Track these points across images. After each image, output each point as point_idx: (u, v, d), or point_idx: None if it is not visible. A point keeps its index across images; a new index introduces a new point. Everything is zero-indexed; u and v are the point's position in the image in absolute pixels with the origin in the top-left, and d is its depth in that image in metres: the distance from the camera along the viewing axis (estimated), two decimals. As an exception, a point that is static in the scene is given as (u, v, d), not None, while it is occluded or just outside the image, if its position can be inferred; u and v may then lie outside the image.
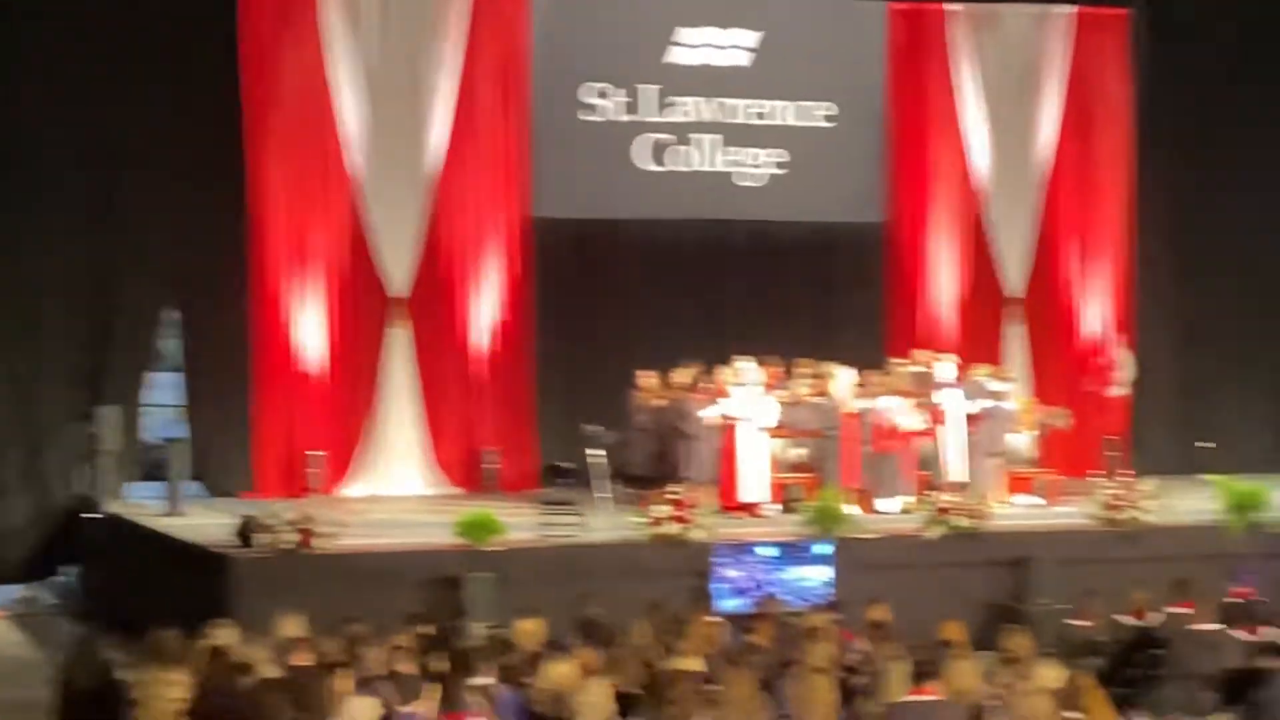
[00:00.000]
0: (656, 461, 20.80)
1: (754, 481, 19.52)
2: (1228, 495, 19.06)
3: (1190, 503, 19.41)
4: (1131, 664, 14.71)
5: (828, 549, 17.61)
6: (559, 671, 12.08)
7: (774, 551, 17.49)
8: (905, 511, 19.74)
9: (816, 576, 17.40)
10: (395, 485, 22.50)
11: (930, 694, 11.16)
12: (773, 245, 24.59)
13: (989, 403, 21.02)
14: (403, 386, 22.76)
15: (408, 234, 22.65)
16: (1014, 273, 25.14)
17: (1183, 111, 25.47)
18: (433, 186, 22.73)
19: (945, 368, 21.64)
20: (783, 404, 20.52)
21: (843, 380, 20.73)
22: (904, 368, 21.84)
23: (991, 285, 25.17)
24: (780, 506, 19.77)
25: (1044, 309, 25.37)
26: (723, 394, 19.39)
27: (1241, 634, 14.65)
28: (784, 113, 24.29)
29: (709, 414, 19.72)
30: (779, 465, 20.27)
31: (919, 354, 22.30)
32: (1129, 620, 15.57)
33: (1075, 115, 25.25)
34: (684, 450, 20.19)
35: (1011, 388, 21.88)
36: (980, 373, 21.74)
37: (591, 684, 11.32)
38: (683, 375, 21.14)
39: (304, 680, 11.29)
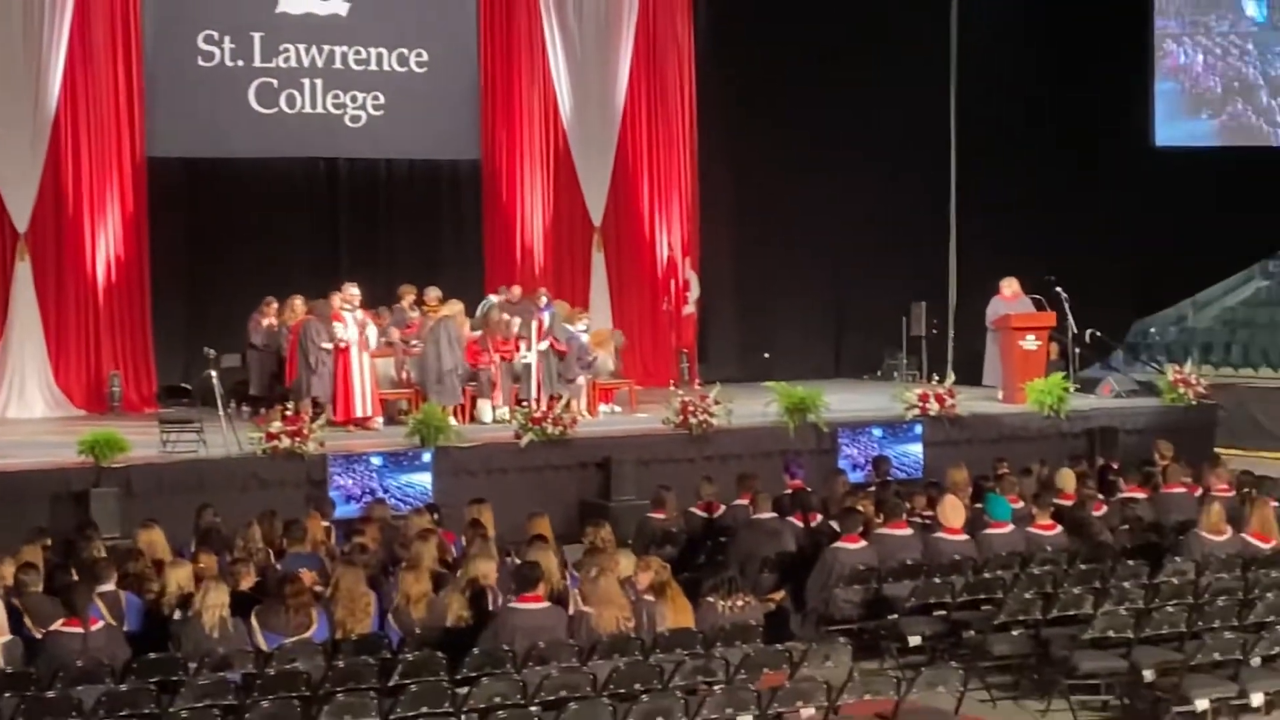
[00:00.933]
0: (273, 381, 20.51)
1: (363, 398, 19.33)
2: (785, 400, 19.58)
3: (752, 407, 19.87)
4: (701, 551, 15.13)
5: (429, 457, 17.57)
6: (179, 577, 11.89)
7: (380, 460, 17.39)
8: (499, 421, 19.80)
9: (420, 482, 17.37)
10: (22, 409, 21.68)
11: (535, 602, 11.25)
12: (379, 181, 24.44)
13: (570, 330, 21.11)
14: (28, 317, 21.93)
15: (27, 173, 21.75)
16: (596, 203, 25.32)
17: (737, 57, 25.95)
18: (50, 129, 21.84)
19: (539, 299, 21.79)
20: (394, 326, 20.46)
21: (452, 307, 20.67)
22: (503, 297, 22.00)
23: (580, 216, 25.32)
24: (384, 419, 19.68)
25: (623, 237, 25.65)
26: (337, 318, 19.14)
27: (796, 521, 15.17)
28: (382, 59, 24.02)
29: (321, 337, 19.47)
30: (385, 382, 20.17)
31: (515, 288, 22.34)
32: (699, 513, 15.96)
33: (646, 58, 25.51)
34: (301, 371, 19.93)
35: (585, 323, 21.91)
36: (561, 307, 21.86)
37: (210, 587, 11.16)
38: (298, 302, 20.82)
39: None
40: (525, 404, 19.48)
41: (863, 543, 13.79)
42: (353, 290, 19.48)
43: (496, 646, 10.83)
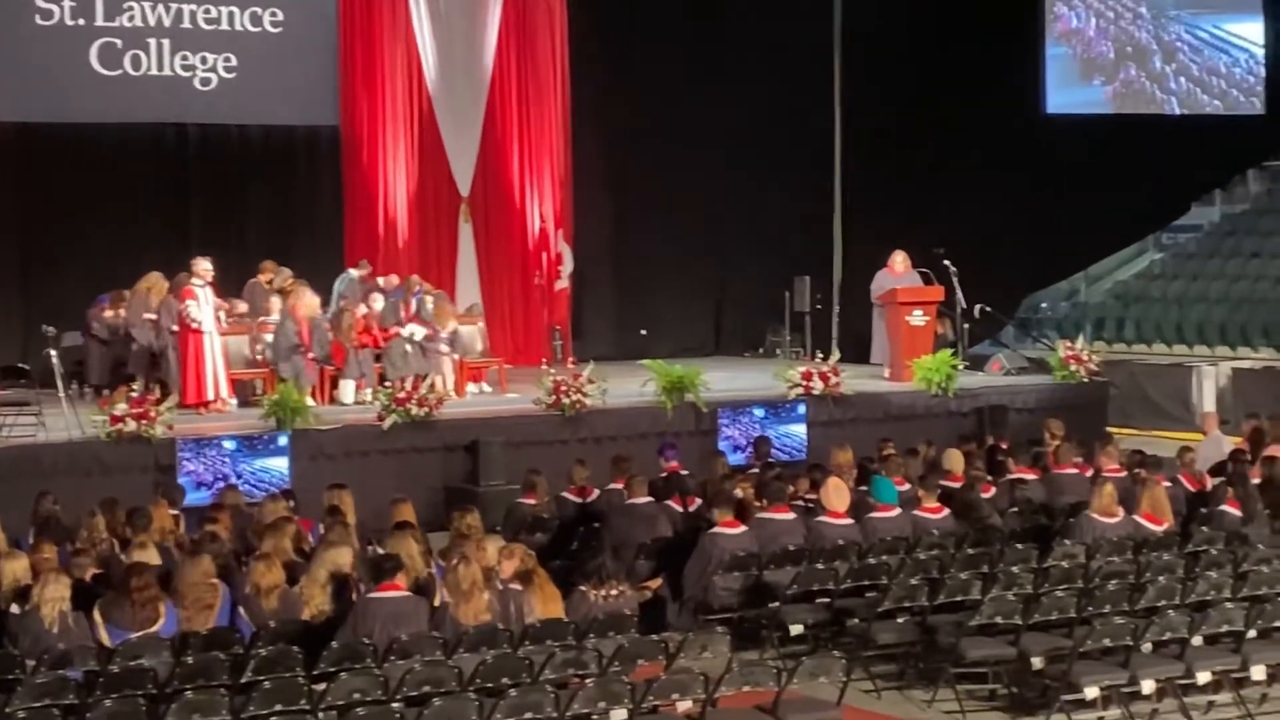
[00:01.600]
0: (115, 364, 20.26)
1: (214, 378, 19.13)
2: (662, 379, 19.64)
3: (628, 386, 19.91)
4: (574, 538, 15.15)
5: (285, 440, 17.45)
6: (16, 569, 11.72)
7: (233, 445, 17.24)
8: (360, 402, 19.71)
9: (275, 467, 17.25)
10: None
11: (396, 589, 11.24)
12: (231, 149, 24.15)
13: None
14: None
15: None
16: (464, 173, 25.21)
17: (613, 18, 25.89)
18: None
19: (389, 280, 21.82)
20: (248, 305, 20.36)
21: (306, 293, 20.54)
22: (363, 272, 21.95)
23: (446, 185, 25.20)
24: (237, 401, 19.53)
25: (492, 207, 25.56)
26: (189, 295, 18.92)
27: (673, 506, 15.24)
28: (233, 18, 23.76)
29: (165, 317, 19.26)
30: (238, 362, 19.99)
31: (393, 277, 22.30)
32: (572, 498, 15.99)
33: (516, 18, 25.43)
34: (145, 352, 19.74)
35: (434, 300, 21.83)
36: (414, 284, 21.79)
37: (49, 579, 11.02)
38: (148, 280, 20.55)
39: None
40: (389, 385, 19.39)
41: (742, 528, 13.87)
42: (205, 265, 19.27)
43: (356, 639, 10.79)
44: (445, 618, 11.17)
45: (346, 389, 20.07)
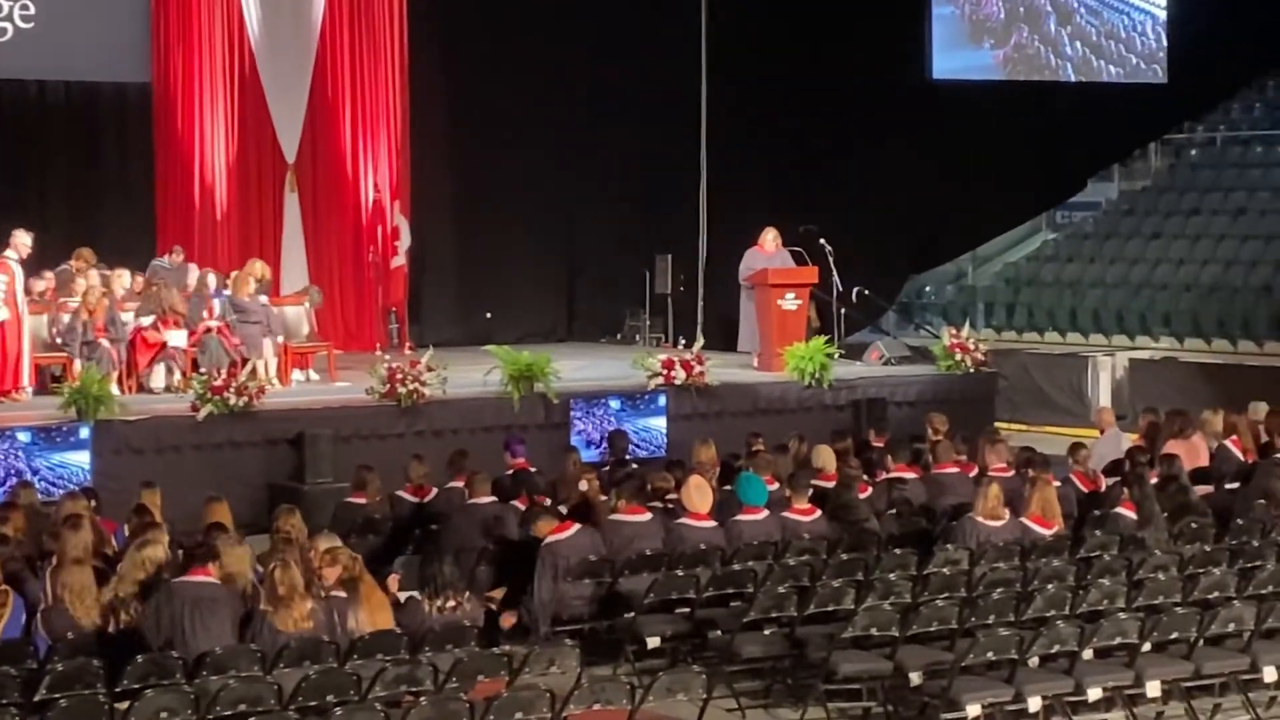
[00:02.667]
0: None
1: (10, 363, 18.88)
2: (509, 366, 19.63)
3: (472, 375, 19.88)
4: (409, 541, 15.11)
5: (86, 432, 17.26)
6: None
7: (28, 436, 17.03)
8: (173, 390, 19.53)
9: (76, 462, 17.06)
10: None
11: (205, 575, 11.18)
12: (28, 106, 23.88)
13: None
14: None
15: None
16: (290, 138, 25.02)
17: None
18: None
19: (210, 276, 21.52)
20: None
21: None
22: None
23: (270, 151, 25.02)
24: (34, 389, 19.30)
25: (321, 176, 25.41)
26: (4, 269, 18.64)
27: (520, 506, 15.22)
28: (32, -40, 23.51)
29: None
30: (38, 344, 19.73)
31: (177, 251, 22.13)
32: (407, 497, 15.94)
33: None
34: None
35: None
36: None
37: None
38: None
39: None
40: (202, 371, 19.22)
41: (575, 528, 13.85)
42: (24, 239, 18.99)
43: (159, 637, 10.75)
44: (262, 626, 11.10)
45: (157, 373, 19.85)
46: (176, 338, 20.07)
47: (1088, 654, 11.95)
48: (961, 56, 30.20)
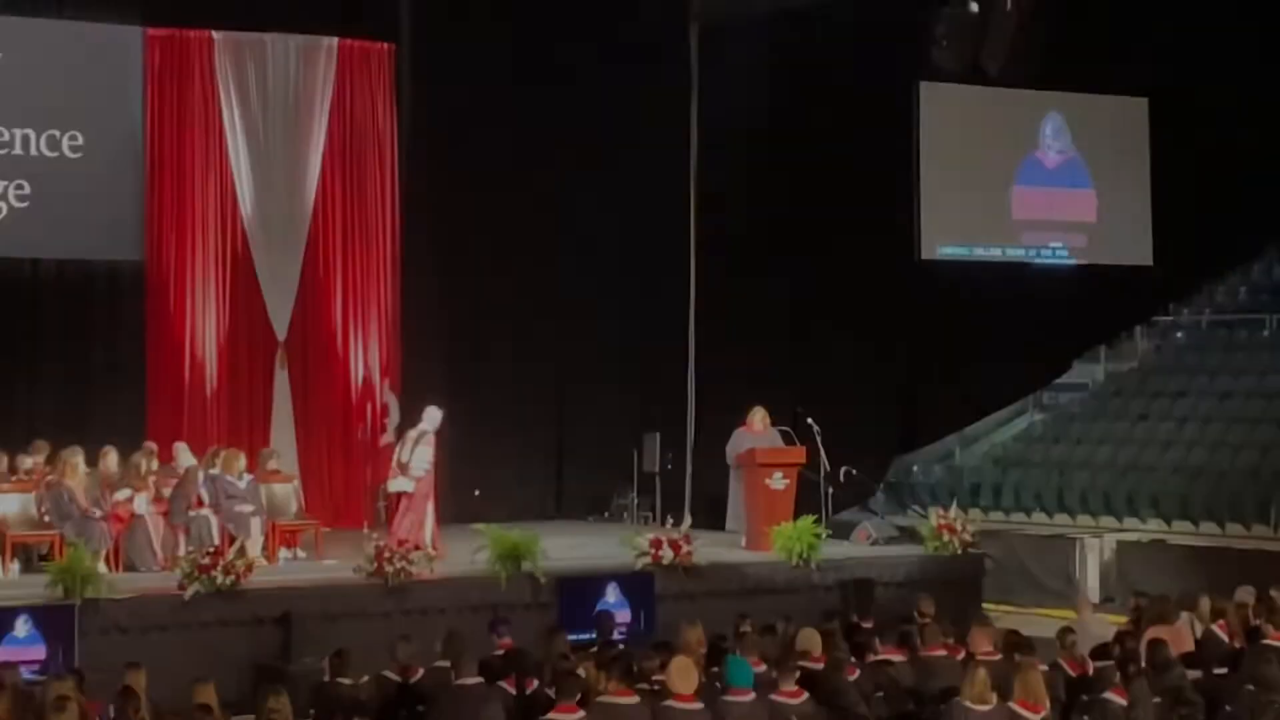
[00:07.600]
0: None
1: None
2: (496, 545, 19.64)
3: (459, 554, 19.88)
4: (395, 722, 15.04)
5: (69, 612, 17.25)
6: None
7: (22, 618, 17.04)
8: (162, 569, 19.55)
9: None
10: None
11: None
12: (21, 285, 24.03)
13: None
14: None
15: None
16: (281, 316, 25.19)
17: (447, 153, 26.01)
18: None
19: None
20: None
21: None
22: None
23: (261, 328, 25.19)
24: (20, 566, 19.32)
25: (312, 354, 25.56)
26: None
27: (507, 687, 15.16)
28: (28, 141, 23.65)
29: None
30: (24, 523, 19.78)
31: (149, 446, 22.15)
32: (393, 677, 15.85)
33: (341, 152, 25.59)
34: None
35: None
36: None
37: None
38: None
39: None
40: (191, 551, 19.23)
41: (581, 712, 13.82)
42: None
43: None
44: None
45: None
46: (140, 503, 20.13)
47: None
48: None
